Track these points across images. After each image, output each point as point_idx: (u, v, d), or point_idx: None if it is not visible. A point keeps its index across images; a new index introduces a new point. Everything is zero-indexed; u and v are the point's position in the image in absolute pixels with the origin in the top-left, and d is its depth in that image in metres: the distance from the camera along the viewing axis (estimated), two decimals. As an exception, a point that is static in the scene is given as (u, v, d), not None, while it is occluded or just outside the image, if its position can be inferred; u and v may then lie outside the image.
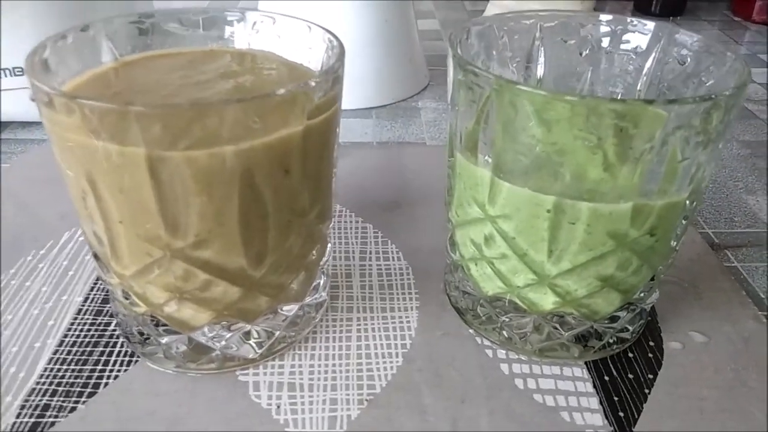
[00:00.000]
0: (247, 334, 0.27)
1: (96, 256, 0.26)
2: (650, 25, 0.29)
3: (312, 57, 0.28)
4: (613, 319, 0.28)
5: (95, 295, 0.32)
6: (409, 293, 0.33)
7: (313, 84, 0.23)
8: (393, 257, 0.35)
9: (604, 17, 0.30)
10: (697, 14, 0.84)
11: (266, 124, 0.22)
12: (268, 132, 0.22)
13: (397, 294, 0.33)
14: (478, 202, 0.26)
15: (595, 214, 0.24)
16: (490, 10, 0.79)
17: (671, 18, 0.82)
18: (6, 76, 0.46)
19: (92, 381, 0.27)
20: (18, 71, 0.46)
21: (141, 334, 0.27)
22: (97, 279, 0.33)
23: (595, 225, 0.24)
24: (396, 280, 0.34)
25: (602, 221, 0.24)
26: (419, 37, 0.60)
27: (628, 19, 0.29)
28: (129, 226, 0.23)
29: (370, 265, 0.35)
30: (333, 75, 0.24)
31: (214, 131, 0.21)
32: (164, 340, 0.27)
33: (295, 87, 0.22)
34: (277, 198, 0.24)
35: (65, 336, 0.29)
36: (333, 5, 0.52)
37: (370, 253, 0.36)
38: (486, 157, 0.25)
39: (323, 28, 0.28)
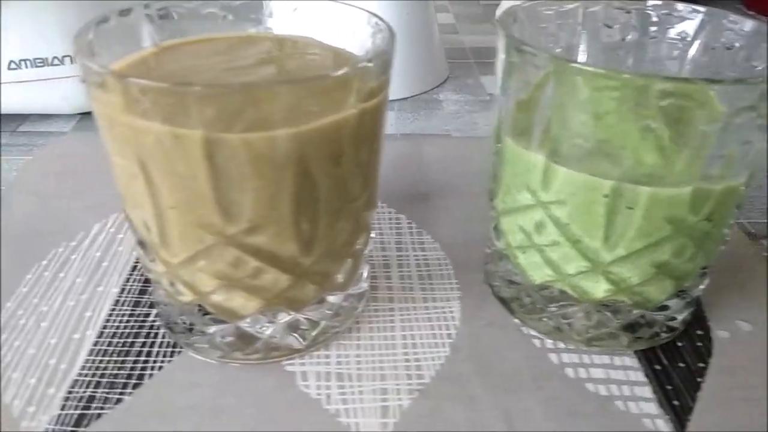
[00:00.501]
0: (294, 324, 0.27)
1: (142, 244, 0.26)
2: (698, 9, 0.28)
3: (355, 42, 0.27)
4: (664, 307, 0.28)
5: (131, 286, 0.31)
6: (449, 283, 0.32)
7: (369, 66, 0.22)
8: (429, 248, 0.35)
9: (651, 2, 0.29)
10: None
11: (322, 107, 0.22)
12: (324, 115, 0.22)
13: (437, 284, 0.32)
14: (530, 189, 0.26)
15: (655, 198, 0.24)
16: (504, 4, 0.79)
17: (685, 11, 0.81)
18: (27, 67, 0.45)
19: (136, 372, 0.27)
20: (39, 62, 0.46)
21: (185, 323, 0.27)
22: (133, 269, 0.32)
23: (654, 210, 0.24)
24: (435, 270, 0.33)
25: (661, 206, 0.24)
26: (438, 30, 0.60)
27: (677, 5, 0.29)
28: (181, 212, 0.23)
29: (407, 256, 0.34)
30: (385, 58, 0.24)
31: (271, 114, 0.21)
32: (211, 329, 0.26)
33: (351, 69, 0.22)
34: (329, 183, 0.24)
35: (104, 327, 0.29)
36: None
37: (406, 243, 0.35)
38: (540, 142, 0.25)
39: (368, 12, 0.27)
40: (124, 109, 0.21)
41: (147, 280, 0.32)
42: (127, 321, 0.29)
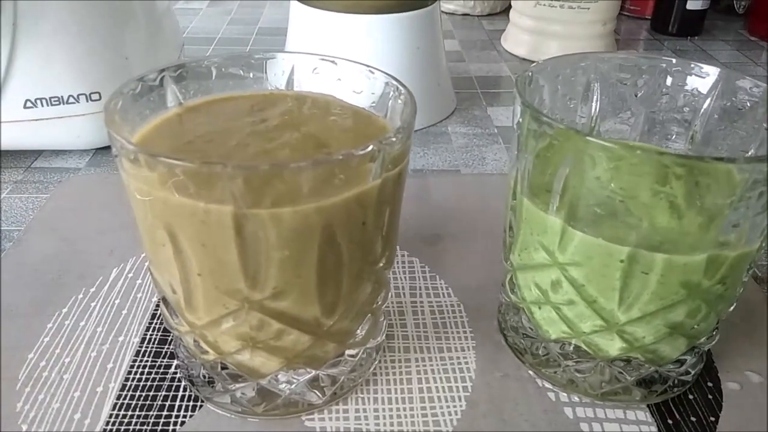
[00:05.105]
0: (314, 380, 0.27)
1: (166, 303, 0.26)
2: (709, 69, 0.29)
3: (374, 100, 0.28)
4: (678, 362, 0.28)
5: (152, 335, 0.32)
6: (464, 332, 0.33)
7: (393, 139, 0.23)
8: (443, 293, 0.35)
9: (665, 60, 0.30)
10: (714, 34, 0.85)
11: (348, 179, 0.22)
12: (349, 187, 0.22)
13: (452, 333, 0.33)
14: (547, 249, 0.27)
15: (670, 265, 0.24)
16: (510, 30, 0.79)
17: (688, 38, 0.82)
18: (43, 105, 0.46)
19: (159, 427, 0.27)
20: (54, 101, 0.46)
21: (206, 378, 0.27)
22: (152, 317, 0.33)
23: (669, 275, 0.24)
24: (449, 318, 0.34)
25: (676, 272, 0.24)
26: (445, 61, 0.61)
27: (690, 64, 0.29)
28: (207, 279, 0.23)
29: (422, 302, 0.35)
30: (409, 129, 0.24)
31: (298, 189, 0.22)
32: (233, 386, 0.27)
33: (376, 144, 0.22)
34: (353, 248, 0.24)
35: (126, 380, 0.29)
36: (366, 35, 0.52)
37: (420, 289, 0.36)
38: (557, 206, 0.25)
39: (386, 74, 0.28)
40: (156, 184, 0.22)
41: (167, 330, 0.32)
42: (149, 373, 0.30)
